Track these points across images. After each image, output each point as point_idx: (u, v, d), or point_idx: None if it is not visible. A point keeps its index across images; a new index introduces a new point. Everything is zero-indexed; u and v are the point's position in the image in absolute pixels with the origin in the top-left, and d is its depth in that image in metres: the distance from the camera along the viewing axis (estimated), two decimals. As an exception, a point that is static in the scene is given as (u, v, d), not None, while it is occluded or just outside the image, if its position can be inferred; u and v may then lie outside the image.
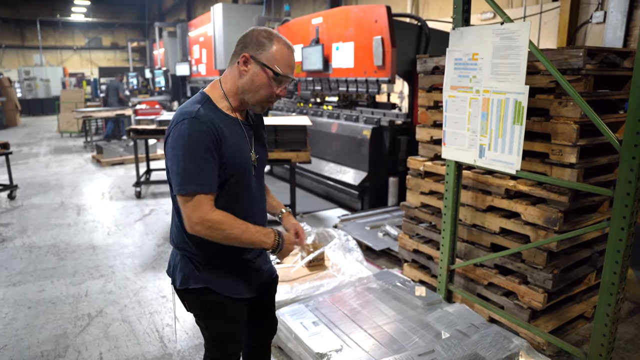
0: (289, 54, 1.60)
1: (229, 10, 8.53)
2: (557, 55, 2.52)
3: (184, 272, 1.72)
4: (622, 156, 2.14)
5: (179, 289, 1.76)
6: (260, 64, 1.56)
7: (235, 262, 1.74)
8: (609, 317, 2.28)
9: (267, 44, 1.57)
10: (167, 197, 6.34)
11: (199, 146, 1.50)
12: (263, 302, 1.94)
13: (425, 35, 5.52)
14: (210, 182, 1.53)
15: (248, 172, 1.67)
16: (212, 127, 1.53)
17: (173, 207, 1.74)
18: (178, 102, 11.85)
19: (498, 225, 3.00)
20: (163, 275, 3.94)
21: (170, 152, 1.56)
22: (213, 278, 1.70)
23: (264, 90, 1.59)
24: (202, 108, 1.57)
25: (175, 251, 1.78)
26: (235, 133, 1.62)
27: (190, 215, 1.53)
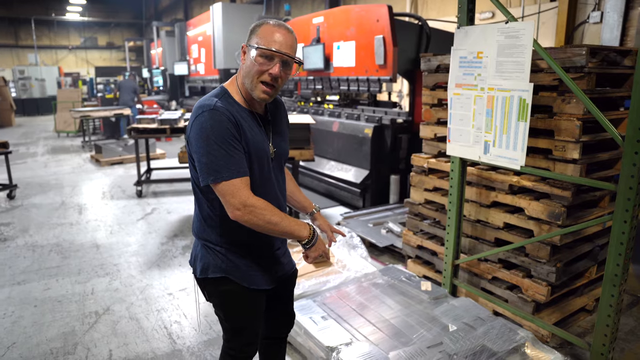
0: (274, 30, 1.57)
1: (229, 9, 8.56)
2: (560, 53, 2.57)
3: (204, 261, 1.76)
4: (625, 151, 2.20)
5: (199, 278, 1.80)
6: (249, 47, 1.59)
7: (255, 253, 1.77)
8: (612, 308, 2.34)
9: (256, 29, 1.60)
10: (168, 196, 6.37)
11: (223, 134, 1.54)
12: (281, 296, 1.97)
13: (426, 34, 5.58)
14: (242, 166, 1.57)
15: (266, 166, 1.71)
16: (231, 117, 1.57)
17: (195, 198, 1.78)
18: (176, 101, 11.86)
19: (502, 220, 3.05)
20: (168, 273, 3.97)
21: (195, 145, 1.59)
22: (232, 268, 1.74)
23: (253, 70, 1.58)
24: (221, 100, 1.61)
25: (197, 241, 1.82)
26: (253, 126, 1.66)
27: (230, 201, 1.55)
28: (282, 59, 1.58)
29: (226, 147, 1.54)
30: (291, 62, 1.61)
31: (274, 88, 1.61)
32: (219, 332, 3.06)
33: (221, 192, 1.57)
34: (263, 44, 1.55)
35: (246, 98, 1.67)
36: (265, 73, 1.58)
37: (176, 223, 5.25)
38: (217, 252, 1.75)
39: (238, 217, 1.56)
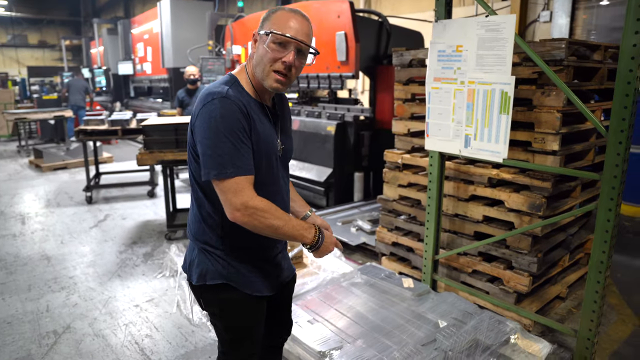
0: (289, 16, 1.47)
1: (178, 6, 8.20)
2: (539, 47, 2.61)
3: (202, 267, 1.61)
4: (609, 141, 2.25)
5: (196, 285, 1.64)
6: (261, 34, 1.48)
7: (257, 257, 1.64)
8: (597, 294, 2.40)
9: (270, 15, 1.49)
10: (121, 202, 6.00)
11: (233, 126, 1.41)
12: (280, 302, 1.85)
13: (386, 31, 5.58)
14: (248, 164, 1.44)
15: (275, 162, 1.59)
16: (243, 107, 1.44)
17: (192, 195, 1.63)
18: (121, 102, 11.27)
19: (481, 213, 3.07)
20: (131, 283, 3.70)
21: (201, 135, 1.44)
22: (233, 273, 1.60)
23: (266, 58, 1.47)
24: (232, 88, 1.48)
25: (193, 245, 1.66)
26: (263, 119, 1.54)
27: (231, 201, 1.42)
28: (297, 47, 1.46)
29: (235, 140, 1.41)
30: (306, 51, 1.50)
31: (287, 78, 1.49)
32: (195, 344, 2.88)
33: (222, 189, 1.43)
34: (277, 30, 1.44)
35: (256, 89, 1.54)
36: (279, 61, 1.46)
37: (133, 229, 4.94)
38: (217, 257, 1.60)
39: (237, 218, 1.43)
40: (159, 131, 4.19)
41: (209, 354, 2.77)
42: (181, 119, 4.69)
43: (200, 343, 2.87)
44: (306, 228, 1.55)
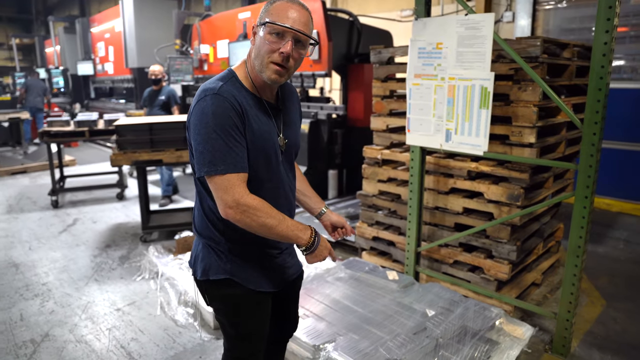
0: (287, 6, 1.45)
1: (141, 4, 7.99)
2: (515, 44, 2.73)
3: (206, 262, 1.61)
4: (584, 132, 2.38)
5: (200, 280, 1.63)
6: (259, 26, 1.48)
7: (261, 253, 1.64)
8: (575, 277, 2.54)
9: (269, 6, 1.48)
10: (89, 205, 5.81)
11: (225, 123, 1.40)
12: (287, 298, 1.85)
13: (357, 30, 5.66)
14: (241, 161, 1.43)
15: (275, 158, 1.57)
16: (235, 103, 1.43)
17: (196, 190, 1.62)
18: (81, 104, 10.87)
19: (461, 205, 3.18)
20: (110, 287, 3.60)
21: (194, 132, 1.45)
22: (237, 269, 1.60)
23: (264, 49, 1.44)
24: (226, 84, 1.47)
25: (198, 240, 1.66)
26: (260, 114, 1.52)
27: (223, 198, 1.42)
28: (295, 37, 1.44)
29: (226, 137, 1.41)
30: (305, 41, 1.47)
31: (286, 69, 1.47)
32: (184, 345, 2.84)
33: (214, 186, 1.44)
34: (275, 20, 1.43)
35: (255, 83, 1.53)
36: (276, 52, 1.44)
37: (106, 232, 4.80)
38: (220, 252, 1.60)
39: (229, 215, 1.43)
40: (133, 131, 4.09)
41: (199, 354, 2.74)
42: (157, 118, 4.59)
43: (189, 344, 2.84)
44: (301, 229, 1.51)
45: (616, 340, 2.84)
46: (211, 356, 2.71)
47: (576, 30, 5.86)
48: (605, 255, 4.17)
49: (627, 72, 5.62)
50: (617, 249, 4.31)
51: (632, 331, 2.94)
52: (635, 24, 5.46)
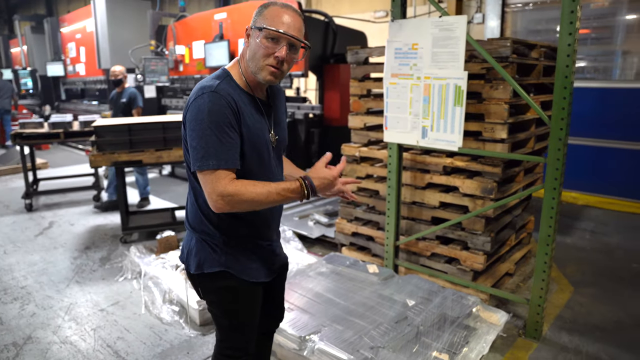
0: (281, 11, 1.52)
1: (114, 4, 7.89)
2: (487, 45, 2.87)
3: (200, 256, 1.67)
4: (552, 128, 2.54)
5: (194, 274, 1.70)
6: (254, 29, 1.55)
7: (254, 244, 1.72)
8: (546, 265, 2.69)
9: (263, 10, 1.55)
10: (65, 208, 5.73)
11: (220, 120, 1.47)
12: (274, 288, 1.93)
13: (332, 30, 5.76)
14: (232, 157, 1.50)
15: (267, 153, 1.65)
16: (232, 101, 1.51)
17: (189, 186, 1.69)
18: (51, 106, 10.62)
19: (438, 199, 3.31)
20: (92, 288, 3.59)
21: (189, 128, 1.51)
22: (231, 261, 1.67)
23: (259, 53, 1.52)
24: (222, 83, 1.54)
25: (190, 234, 1.72)
26: (254, 112, 1.60)
27: (210, 192, 1.49)
28: (289, 42, 1.53)
29: (220, 134, 1.48)
30: (298, 46, 1.56)
31: (280, 71, 1.55)
32: (171, 342, 2.87)
33: (204, 181, 1.51)
34: (270, 25, 1.50)
35: (249, 82, 1.61)
36: (272, 56, 1.52)
37: (85, 234, 4.76)
38: (215, 245, 1.66)
39: (218, 207, 1.50)
40: (111, 132, 4.08)
41: (186, 350, 2.78)
42: (136, 119, 4.58)
43: (176, 341, 2.88)
44: (291, 190, 1.55)
45: (583, 323, 3.01)
46: (198, 351, 2.76)
47: (542, 32, 6.11)
48: (572, 245, 4.38)
49: (590, 72, 5.90)
50: (583, 240, 4.54)
51: (596, 314, 3.13)
52: (597, 27, 5.74)
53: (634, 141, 5.41)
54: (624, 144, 5.49)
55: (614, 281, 3.63)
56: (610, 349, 2.74)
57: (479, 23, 6.18)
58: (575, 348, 2.75)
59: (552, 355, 2.67)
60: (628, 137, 5.45)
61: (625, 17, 5.52)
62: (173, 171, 7.63)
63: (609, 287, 3.53)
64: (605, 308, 3.21)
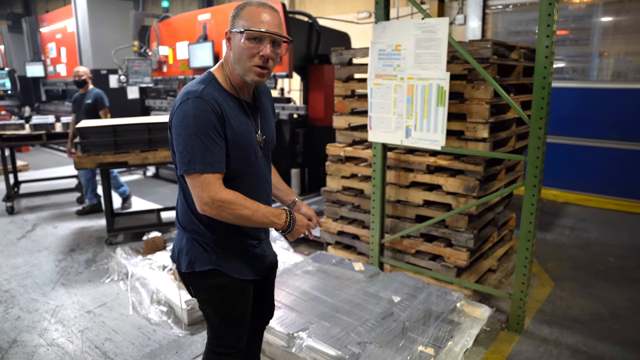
0: (259, 10, 1.54)
1: (95, 4, 7.80)
2: (468, 47, 2.94)
3: (191, 255, 1.70)
4: (532, 127, 2.62)
5: (185, 273, 1.73)
6: (235, 32, 1.57)
7: (243, 243, 1.75)
8: (527, 260, 2.77)
9: (239, 12, 1.58)
10: (47, 210, 5.66)
11: (205, 125, 1.50)
12: (265, 286, 1.96)
13: (316, 31, 5.80)
14: (218, 161, 1.53)
15: (254, 154, 1.68)
16: (216, 105, 1.53)
17: (179, 187, 1.71)
18: (31, 107, 10.44)
19: (422, 198, 3.37)
20: (79, 290, 3.57)
21: (175, 133, 1.55)
22: (222, 259, 1.70)
23: (244, 55, 1.55)
24: (207, 87, 1.57)
25: (181, 234, 1.74)
26: (239, 114, 1.63)
27: (199, 195, 1.52)
28: (272, 39, 1.55)
29: (205, 138, 1.51)
30: (281, 41, 1.59)
31: (267, 69, 1.58)
32: (160, 342, 2.88)
33: (191, 184, 1.54)
34: (250, 26, 1.53)
35: (234, 84, 1.64)
36: (256, 56, 1.55)
37: (69, 237, 4.71)
38: (205, 244, 1.69)
39: (206, 211, 1.54)
40: (96, 133, 4.06)
41: (175, 349, 2.79)
42: (121, 120, 4.56)
43: (165, 340, 2.88)
44: (276, 214, 1.63)
45: (563, 316, 3.11)
46: (187, 351, 2.77)
47: (522, 32, 6.25)
48: (553, 241, 4.50)
49: (569, 72, 6.05)
50: (563, 236, 4.66)
51: (576, 307, 3.23)
52: (574, 28, 5.89)
53: (611, 140, 5.57)
54: (602, 143, 5.65)
55: (592, 275, 3.74)
56: (589, 340, 2.84)
57: (460, 24, 6.29)
58: (555, 340, 2.83)
59: (534, 348, 2.76)
60: (605, 136, 5.61)
61: (600, 19, 5.68)
62: (157, 172, 7.59)
63: (587, 281, 3.64)
64: (584, 301, 3.32)
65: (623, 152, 5.52)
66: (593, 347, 2.77)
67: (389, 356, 2.34)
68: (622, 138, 5.50)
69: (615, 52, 5.67)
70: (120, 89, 7.73)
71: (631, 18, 5.47)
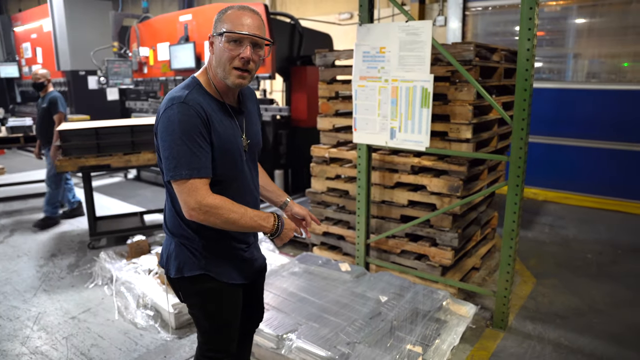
0: (239, 13, 1.57)
1: (73, 4, 7.65)
2: (451, 49, 2.99)
3: (180, 260, 1.70)
4: (514, 128, 2.68)
5: (174, 278, 1.72)
6: (215, 36, 1.59)
7: (232, 248, 1.75)
8: (511, 257, 2.83)
9: (221, 17, 1.60)
10: (26, 214, 5.54)
11: (190, 130, 1.51)
12: (254, 290, 1.96)
13: (299, 33, 5.81)
14: (204, 166, 1.54)
15: (240, 158, 1.69)
16: (201, 110, 1.54)
17: (167, 193, 1.71)
18: (5, 109, 10.17)
19: (406, 198, 3.41)
20: (61, 296, 3.51)
21: (161, 138, 1.55)
22: (210, 264, 1.70)
23: (224, 57, 1.56)
24: (191, 92, 1.57)
25: (170, 239, 1.74)
26: (224, 118, 1.64)
27: (186, 200, 1.52)
28: (252, 41, 1.56)
29: (191, 143, 1.52)
30: (262, 43, 1.60)
31: (248, 72, 1.59)
32: (147, 346, 2.86)
33: (178, 190, 1.55)
34: (231, 29, 1.54)
35: (218, 89, 1.64)
36: (237, 58, 1.56)
37: (49, 242, 4.62)
38: (194, 249, 1.69)
39: (194, 217, 1.55)
40: (78, 136, 3.99)
41: (163, 354, 2.77)
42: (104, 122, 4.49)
43: (152, 345, 2.86)
44: (264, 218, 1.62)
45: (545, 312, 3.19)
46: (175, 354, 2.76)
47: (500, 33, 6.36)
48: (533, 239, 4.60)
49: (545, 72, 6.18)
50: (543, 233, 4.77)
51: (557, 303, 3.32)
52: (550, 29, 6.03)
53: (587, 139, 5.72)
54: (578, 142, 5.80)
55: (572, 271, 3.84)
56: (570, 334, 2.92)
57: (441, 25, 6.38)
58: (538, 335, 2.91)
59: (518, 343, 2.82)
60: (581, 135, 5.76)
61: (575, 21, 5.83)
62: (139, 175, 7.49)
63: (567, 277, 3.74)
64: (565, 297, 3.41)
65: (599, 151, 5.68)
66: (574, 341, 2.85)
67: (379, 355, 2.37)
68: (597, 137, 5.66)
69: (590, 53, 5.83)
70: (100, 90, 7.60)
71: (604, 20, 5.63)
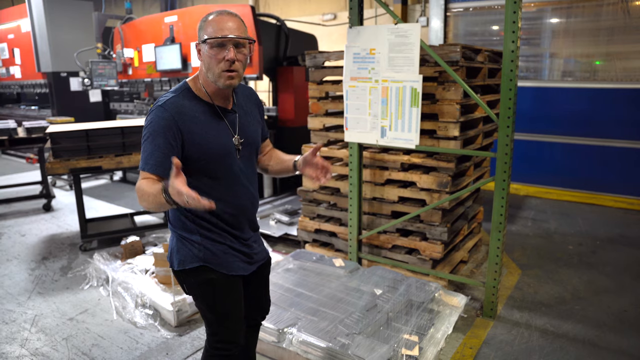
0: (217, 19, 1.66)
1: (53, 4, 7.55)
2: (438, 50, 3.11)
3: (181, 253, 1.81)
4: (500, 125, 2.81)
5: (177, 271, 1.83)
6: (201, 44, 1.70)
7: (230, 240, 1.84)
8: (499, 249, 2.97)
9: (202, 24, 1.70)
10: (12, 218, 5.48)
11: (156, 131, 1.65)
12: (258, 282, 2.04)
13: (284, 34, 5.88)
14: (155, 164, 1.64)
15: (229, 157, 1.77)
16: (175, 114, 1.66)
17: None
18: (-17, 111, 9.98)
19: (397, 195, 3.53)
20: (57, 298, 3.52)
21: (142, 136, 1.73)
22: (209, 256, 1.80)
23: (212, 62, 1.66)
24: (176, 97, 1.71)
25: (173, 233, 1.86)
26: (212, 119, 1.74)
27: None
28: (234, 42, 1.65)
29: (153, 143, 1.65)
30: (244, 43, 1.68)
31: (236, 72, 1.68)
32: (148, 344, 2.90)
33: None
34: (212, 34, 1.65)
35: (209, 92, 1.75)
36: (222, 61, 1.65)
37: (39, 245, 4.60)
38: (193, 242, 1.80)
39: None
40: (68, 138, 3.99)
41: (165, 351, 2.82)
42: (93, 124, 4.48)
43: (153, 343, 2.91)
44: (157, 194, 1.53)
45: (530, 301, 3.34)
46: (177, 352, 2.81)
47: (479, 33, 6.54)
48: (517, 232, 4.78)
49: (523, 71, 6.39)
50: (526, 227, 4.95)
51: (542, 292, 3.48)
52: (527, 29, 6.22)
53: (565, 135, 5.94)
54: (557, 138, 6.02)
55: (554, 262, 4.02)
56: (554, 320, 3.08)
57: (423, 26, 6.52)
58: (525, 323, 3.05)
59: (507, 331, 2.96)
60: (560, 132, 5.98)
61: (550, 21, 6.04)
62: (125, 176, 7.46)
63: (550, 268, 3.91)
64: (549, 286, 3.57)
65: (577, 147, 5.91)
66: (559, 327, 3.00)
67: (377, 345, 2.47)
68: (575, 133, 5.89)
69: (565, 53, 6.04)
70: (82, 91, 7.53)
71: (578, 21, 5.85)
